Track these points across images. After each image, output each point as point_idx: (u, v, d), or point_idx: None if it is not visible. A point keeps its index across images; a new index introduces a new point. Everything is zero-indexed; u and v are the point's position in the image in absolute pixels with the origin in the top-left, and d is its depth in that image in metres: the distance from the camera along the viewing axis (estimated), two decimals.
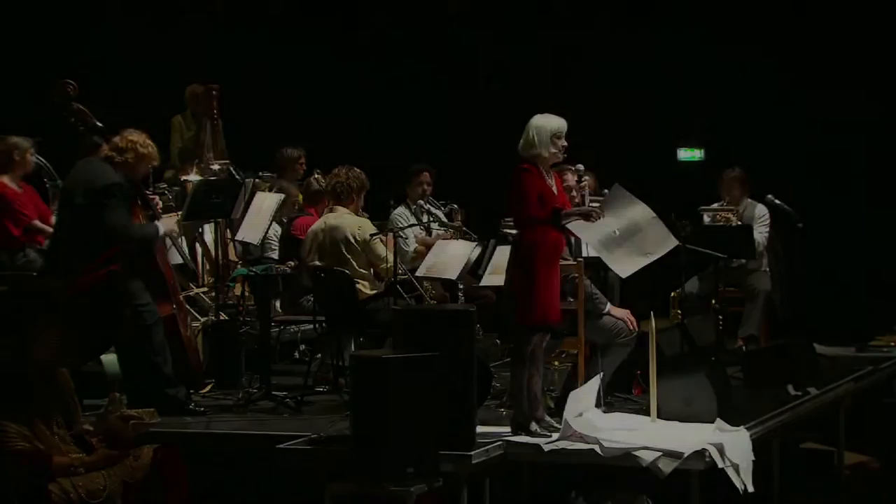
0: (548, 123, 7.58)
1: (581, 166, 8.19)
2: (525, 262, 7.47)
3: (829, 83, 12.78)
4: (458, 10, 13.98)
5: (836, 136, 12.84)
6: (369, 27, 14.24)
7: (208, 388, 9.15)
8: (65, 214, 8.38)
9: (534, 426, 7.51)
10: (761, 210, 10.85)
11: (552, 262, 7.54)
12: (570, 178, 8.12)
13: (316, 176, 10.59)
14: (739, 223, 10.74)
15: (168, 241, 8.79)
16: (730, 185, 10.99)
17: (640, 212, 8.13)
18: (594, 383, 7.82)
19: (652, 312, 8.05)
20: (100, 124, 9.34)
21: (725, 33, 13.12)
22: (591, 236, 8.19)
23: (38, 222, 9.70)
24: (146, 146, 8.39)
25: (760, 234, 10.74)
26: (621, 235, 8.09)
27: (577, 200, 7.84)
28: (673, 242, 8.28)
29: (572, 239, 8.26)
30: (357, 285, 9.05)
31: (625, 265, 8.17)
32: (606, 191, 9.09)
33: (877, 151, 12.80)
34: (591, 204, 8.04)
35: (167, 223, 8.52)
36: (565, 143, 7.61)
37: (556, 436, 7.44)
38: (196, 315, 9.71)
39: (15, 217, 9.67)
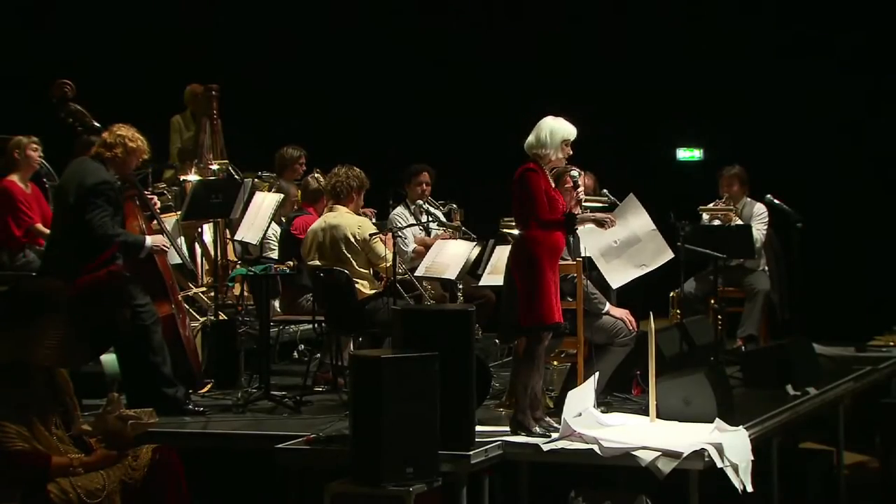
0: (562, 128, 7.62)
1: (576, 171, 8.19)
2: (529, 263, 7.48)
3: (828, 82, 12.78)
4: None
5: (835, 135, 12.84)
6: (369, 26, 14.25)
7: (207, 388, 9.14)
8: (59, 214, 8.36)
9: (533, 426, 7.51)
10: (760, 208, 10.85)
11: (554, 262, 7.58)
12: (570, 181, 8.13)
13: (315, 175, 10.58)
14: (738, 221, 10.74)
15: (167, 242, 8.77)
16: (729, 182, 10.97)
17: (641, 224, 8.25)
18: (591, 383, 7.83)
19: (651, 312, 8.05)
20: (97, 124, 9.33)
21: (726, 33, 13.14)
22: (592, 244, 8.33)
23: (40, 225, 9.72)
24: (135, 140, 8.30)
25: (759, 231, 10.73)
26: (619, 246, 8.21)
27: (571, 204, 7.85)
28: (668, 255, 8.58)
29: (570, 239, 8.27)
30: (356, 285, 9.04)
31: (618, 275, 8.54)
32: (605, 190, 9.15)
33: (876, 150, 12.79)
34: (585, 203, 8.17)
35: (156, 238, 8.47)
36: (570, 151, 7.64)
37: (555, 436, 7.45)
38: (195, 315, 9.70)
39: (19, 217, 9.70)
